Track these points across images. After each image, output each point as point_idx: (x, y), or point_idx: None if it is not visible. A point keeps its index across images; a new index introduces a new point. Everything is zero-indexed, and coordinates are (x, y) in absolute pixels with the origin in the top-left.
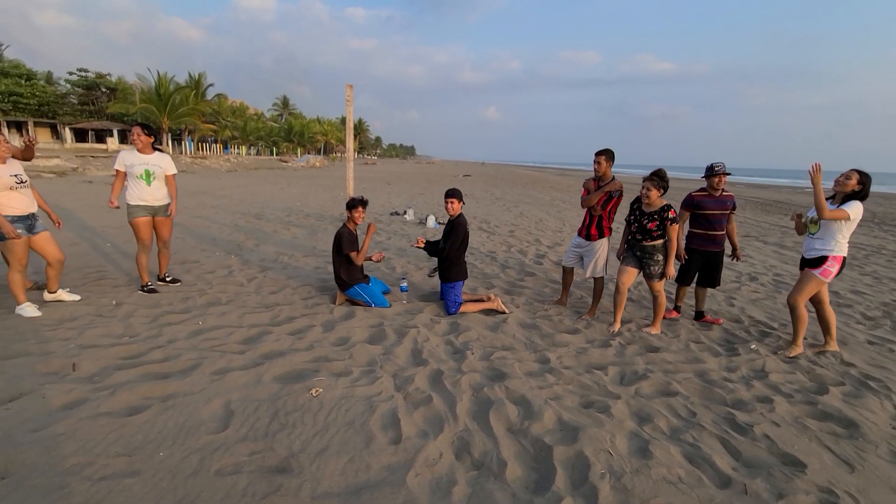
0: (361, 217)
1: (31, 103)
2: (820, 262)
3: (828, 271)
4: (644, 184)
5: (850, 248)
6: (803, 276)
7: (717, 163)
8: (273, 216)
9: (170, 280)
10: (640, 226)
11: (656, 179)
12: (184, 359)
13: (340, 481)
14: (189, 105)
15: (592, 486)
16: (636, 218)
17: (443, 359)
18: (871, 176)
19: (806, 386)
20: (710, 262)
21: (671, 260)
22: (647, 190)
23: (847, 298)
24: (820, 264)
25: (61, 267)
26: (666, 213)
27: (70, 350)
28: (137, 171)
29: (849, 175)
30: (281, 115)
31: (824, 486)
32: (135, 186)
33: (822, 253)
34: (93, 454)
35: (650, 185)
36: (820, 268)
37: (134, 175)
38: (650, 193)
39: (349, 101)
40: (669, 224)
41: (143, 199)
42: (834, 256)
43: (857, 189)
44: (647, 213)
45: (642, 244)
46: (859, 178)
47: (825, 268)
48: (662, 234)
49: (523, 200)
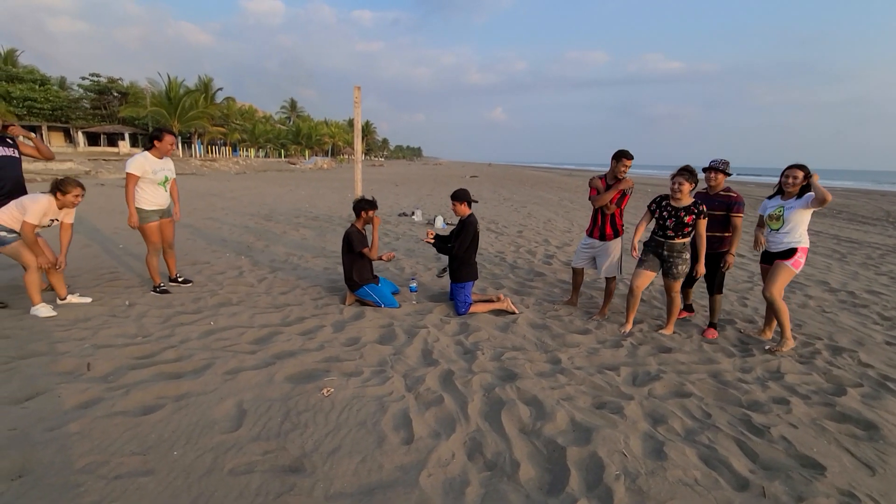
0: (371, 218)
1: (44, 108)
2: (790, 253)
3: (798, 262)
4: (675, 179)
5: (866, 247)
6: (776, 268)
7: (715, 159)
8: (282, 217)
9: (181, 280)
10: (678, 220)
11: (687, 174)
12: (196, 359)
13: (353, 481)
14: (199, 108)
15: (607, 488)
16: (670, 214)
17: (453, 359)
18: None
19: (823, 387)
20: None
21: (701, 257)
22: (680, 185)
23: (863, 299)
24: (791, 255)
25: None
26: (697, 208)
27: (84, 350)
28: (159, 178)
29: (795, 175)
30: (289, 117)
31: (845, 490)
32: (152, 192)
33: (792, 245)
34: (107, 453)
35: (682, 180)
36: (791, 259)
37: (155, 181)
38: (682, 188)
39: (357, 103)
40: (702, 218)
41: (158, 204)
42: (801, 248)
43: (806, 183)
44: (679, 209)
45: (672, 241)
46: (805, 173)
47: (796, 259)
48: (691, 231)
49: (531, 201)
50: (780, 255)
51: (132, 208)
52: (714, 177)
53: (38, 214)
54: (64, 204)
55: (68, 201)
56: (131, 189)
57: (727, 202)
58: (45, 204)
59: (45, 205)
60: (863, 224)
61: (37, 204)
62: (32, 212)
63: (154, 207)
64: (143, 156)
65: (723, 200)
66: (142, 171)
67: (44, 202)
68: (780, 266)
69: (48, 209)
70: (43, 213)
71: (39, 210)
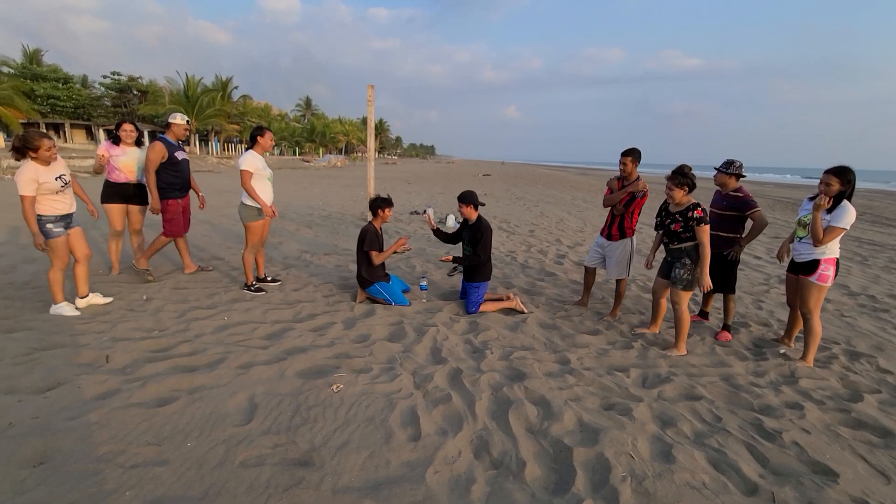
0: (388, 216)
1: (67, 106)
2: (813, 266)
3: (825, 276)
4: (666, 183)
5: (889, 249)
6: (803, 287)
7: (728, 159)
8: (295, 215)
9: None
10: (665, 228)
11: (678, 177)
12: (210, 353)
13: (360, 476)
14: (216, 107)
15: (613, 489)
16: (661, 221)
17: (462, 357)
18: (848, 168)
19: (839, 393)
20: (715, 264)
21: (704, 267)
22: (669, 190)
23: (884, 303)
24: (814, 269)
25: (88, 263)
26: (692, 213)
27: (103, 343)
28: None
29: (828, 182)
30: (304, 115)
31: (858, 497)
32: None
33: (814, 256)
34: (125, 442)
35: (672, 185)
36: (815, 274)
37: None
38: (673, 193)
39: (370, 102)
40: (696, 224)
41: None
42: (826, 259)
43: (843, 189)
44: (672, 214)
45: (670, 247)
46: (840, 182)
47: (820, 273)
48: (692, 237)
49: (544, 200)
50: (803, 269)
51: (262, 203)
52: (717, 176)
53: (27, 183)
54: (48, 160)
55: (46, 156)
56: (249, 185)
57: (736, 203)
58: (30, 171)
59: (30, 172)
60: (886, 226)
61: (22, 175)
62: (21, 183)
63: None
64: (251, 154)
65: (732, 201)
66: (254, 167)
67: (27, 170)
68: (806, 284)
69: (36, 174)
70: (33, 179)
71: (27, 178)
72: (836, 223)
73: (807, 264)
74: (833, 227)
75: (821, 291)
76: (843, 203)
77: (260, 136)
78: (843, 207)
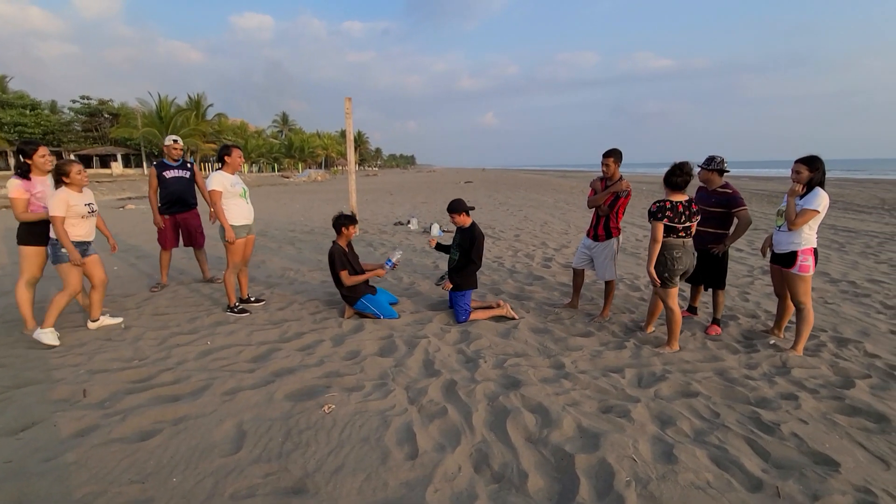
0: (353, 233)
1: (35, 132)
2: (791, 258)
3: (805, 266)
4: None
5: (863, 235)
6: (787, 280)
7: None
8: (277, 232)
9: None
10: None
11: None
12: (194, 380)
13: (358, 500)
14: (190, 126)
15: (618, 495)
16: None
17: (455, 368)
18: (816, 157)
19: (831, 380)
20: (705, 261)
21: (650, 259)
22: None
23: (865, 288)
24: (793, 262)
25: (104, 289)
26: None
27: (80, 376)
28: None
29: (798, 170)
30: (281, 131)
31: (860, 486)
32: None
33: (791, 248)
34: (105, 482)
35: None
36: (795, 265)
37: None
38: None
39: (349, 114)
40: (652, 220)
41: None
42: (803, 250)
43: (813, 175)
44: None
45: None
46: (808, 168)
47: (800, 264)
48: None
49: (527, 204)
50: (783, 260)
51: (227, 227)
52: (700, 174)
53: (59, 204)
54: (80, 184)
55: (77, 180)
56: (219, 205)
57: (723, 199)
58: (62, 194)
59: (63, 195)
60: (858, 213)
61: (55, 197)
62: (53, 205)
63: (243, 222)
64: (219, 173)
65: (720, 197)
66: (222, 186)
67: (61, 194)
68: (790, 276)
69: (68, 196)
70: (64, 201)
71: (59, 199)
72: (808, 206)
73: (786, 256)
74: (805, 210)
75: (806, 281)
76: (815, 189)
77: (227, 155)
78: (815, 192)
